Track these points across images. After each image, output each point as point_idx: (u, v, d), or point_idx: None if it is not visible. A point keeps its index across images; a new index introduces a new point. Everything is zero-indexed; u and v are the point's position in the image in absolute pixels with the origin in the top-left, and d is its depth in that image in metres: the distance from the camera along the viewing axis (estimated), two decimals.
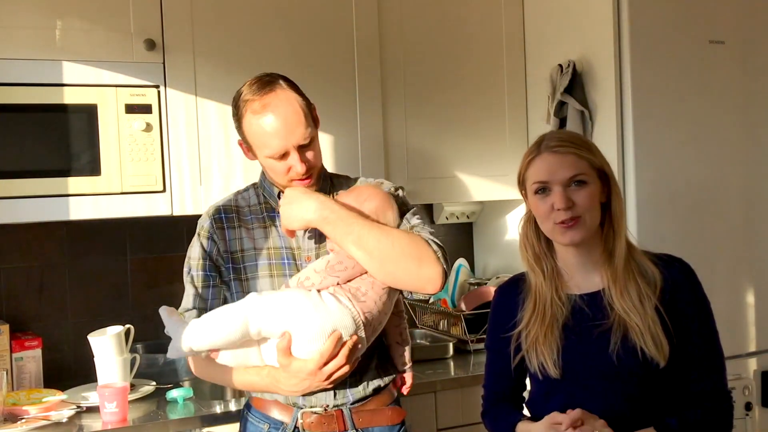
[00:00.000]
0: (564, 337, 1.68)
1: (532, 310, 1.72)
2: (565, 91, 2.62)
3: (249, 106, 1.83)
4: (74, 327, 2.62)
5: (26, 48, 2.25)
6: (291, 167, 1.84)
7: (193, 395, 2.36)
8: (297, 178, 1.86)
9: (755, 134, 2.74)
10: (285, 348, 1.72)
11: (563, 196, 1.64)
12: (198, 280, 1.90)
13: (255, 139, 1.85)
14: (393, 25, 2.72)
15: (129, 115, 2.33)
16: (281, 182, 1.90)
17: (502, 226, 3.15)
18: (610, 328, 1.65)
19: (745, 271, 2.72)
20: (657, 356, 1.62)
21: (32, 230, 2.59)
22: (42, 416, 2.13)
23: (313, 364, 1.70)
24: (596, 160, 1.68)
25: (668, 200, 2.57)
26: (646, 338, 1.62)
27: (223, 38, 2.47)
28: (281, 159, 1.83)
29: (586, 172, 1.66)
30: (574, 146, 1.67)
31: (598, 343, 1.66)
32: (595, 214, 1.67)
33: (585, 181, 1.65)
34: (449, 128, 2.82)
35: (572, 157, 1.65)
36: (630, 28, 2.52)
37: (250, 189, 2.01)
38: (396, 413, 1.93)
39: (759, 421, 2.71)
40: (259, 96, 1.82)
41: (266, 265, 1.89)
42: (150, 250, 2.75)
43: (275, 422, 1.89)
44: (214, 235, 1.90)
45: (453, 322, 2.87)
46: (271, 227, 1.93)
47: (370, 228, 1.77)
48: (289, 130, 1.81)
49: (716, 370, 1.70)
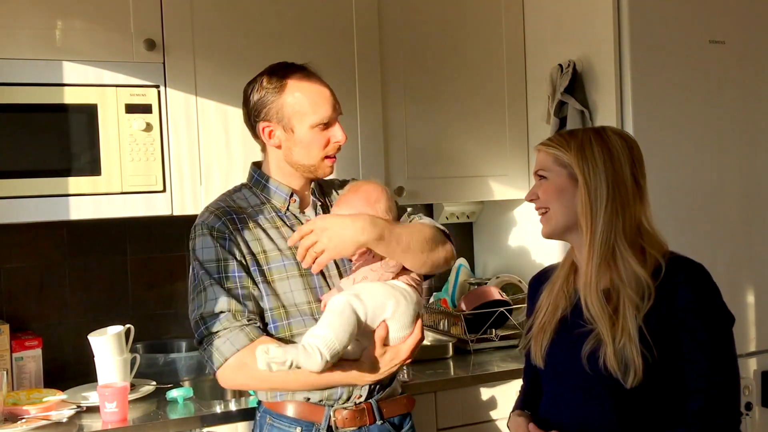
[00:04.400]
0: (557, 331, 1.70)
1: (545, 299, 1.75)
2: (565, 91, 2.62)
3: (291, 75, 1.87)
4: (74, 327, 2.61)
5: (26, 48, 2.24)
6: (330, 139, 1.87)
7: (193, 395, 2.36)
8: (333, 152, 1.90)
9: (755, 134, 2.74)
10: (384, 337, 1.77)
11: (531, 189, 1.74)
12: (227, 282, 1.82)
13: (301, 106, 1.85)
14: (393, 26, 2.72)
15: (129, 115, 2.33)
16: (313, 159, 1.89)
17: (502, 226, 3.15)
18: (588, 334, 1.61)
19: (745, 271, 2.72)
20: (621, 378, 1.54)
21: (32, 230, 2.59)
22: (42, 416, 2.13)
23: (407, 350, 1.78)
24: (565, 158, 1.67)
25: (668, 200, 2.57)
26: (612, 358, 1.55)
27: (223, 38, 2.47)
28: (325, 128, 1.87)
29: (549, 168, 1.70)
30: (550, 143, 1.72)
31: (575, 346, 1.63)
32: (562, 209, 1.68)
33: (545, 176, 1.71)
34: (449, 128, 2.82)
35: (541, 154, 1.73)
36: (630, 28, 2.52)
37: (242, 189, 1.98)
38: (409, 401, 1.98)
39: (759, 421, 2.71)
40: (297, 68, 1.90)
41: (293, 265, 1.87)
42: (150, 250, 2.75)
43: (306, 424, 1.86)
44: (230, 236, 1.85)
45: (453, 321, 2.87)
46: (284, 227, 1.91)
47: (408, 233, 1.83)
48: (334, 97, 1.90)
49: (714, 387, 1.55)
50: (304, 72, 1.90)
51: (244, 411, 2.22)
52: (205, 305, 1.82)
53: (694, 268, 1.64)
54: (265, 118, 1.90)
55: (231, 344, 1.79)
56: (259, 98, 1.90)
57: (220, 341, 1.79)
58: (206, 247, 1.85)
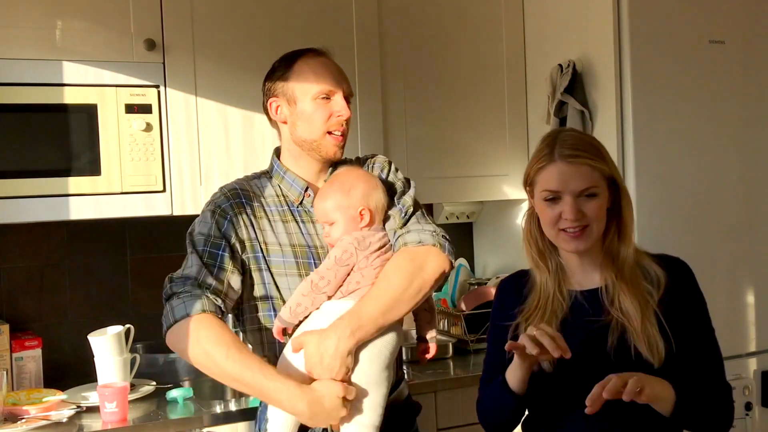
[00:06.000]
0: (561, 331, 1.68)
1: (535, 305, 1.72)
2: (565, 91, 2.62)
3: (302, 55, 1.92)
4: (74, 327, 2.61)
5: (26, 48, 2.24)
6: (333, 113, 1.88)
7: (193, 395, 2.36)
8: (335, 128, 1.89)
9: (755, 134, 2.74)
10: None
11: (574, 208, 1.62)
12: (207, 257, 1.81)
13: (305, 78, 1.88)
14: (393, 27, 2.72)
15: (129, 115, 2.33)
16: (315, 134, 1.88)
17: (502, 226, 3.15)
18: (608, 325, 1.66)
19: (745, 271, 2.72)
20: (651, 358, 1.61)
21: (32, 230, 2.59)
22: (42, 416, 2.13)
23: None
24: (608, 170, 1.67)
25: (668, 200, 2.57)
26: (641, 340, 1.61)
27: (223, 38, 2.47)
28: (326, 100, 1.88)
29: (598, 184, 1.65)
30: (588, 156, 1.64)
31: (596, 339, 1.66)
32: (602, 223, 1.67)
33: (596, 194, 1.64)
34: (449, 128, 2.82)
35: (586, 168, 1.63)
36: (630, 28, 2.52)
37: (262, 177, 1.97)
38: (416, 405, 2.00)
39: (759, 421, 2.71)
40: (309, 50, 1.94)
41: (294, 264, 1.85)
42: (150, 250, 2.75)
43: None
44: (232, 219, 1.84)
45: (453, 322, 2.87)
46: (292, 222, 1.89)
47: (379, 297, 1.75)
48: (342, 74, 1.93)
49: (717, 368, 1.71)
50: (315, 51, 1.94)
51: (244, 411, 2.22)
52: (181, 269, 1.83)
53: (682, 261, 1.75)
54: (273, 94, 1.94)
55: (184, 308, 1.75)
56: (269, 79, 1.95)
57: (177, 302, 1.76)
58: (203, 221, 1.86)
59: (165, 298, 1.82)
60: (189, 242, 1.85)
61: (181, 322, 1.74)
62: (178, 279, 1.81)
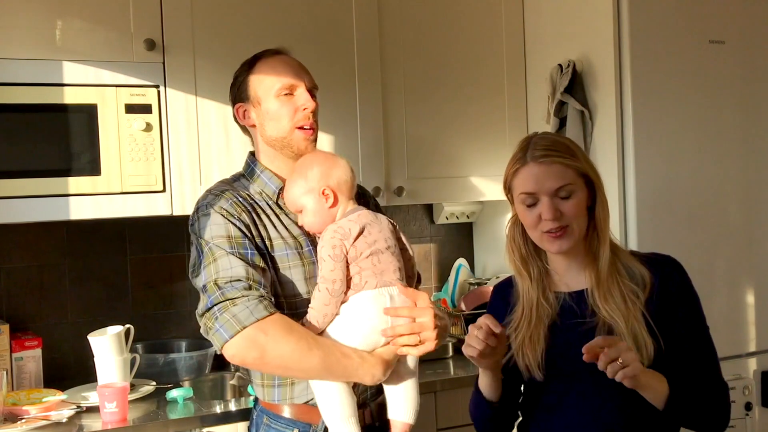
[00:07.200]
0: (551, 336, 1.69)
1: (521, 313, 1.73)
2: (565, 91, 2.62)
3: (261, 57, 1.92)
4: (74, 327, 2.61)
5: (26, 48, 2.25)
6: (298, 108, 1.87)
7: (193, 395, 2.36)
8: (303, 122, 1.88)
9: (755, 134, 2.74)
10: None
11: (551, 207, 1.63)
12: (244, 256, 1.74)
13: (266, 77, 1.88)
14: (393, 27, 2.72)
15: (129, 115, 2.33)
16: (283, 131, 1.88)
17: (502, 226, 3.09)
18: (596, 326, 1.65)
19: (745, 271, 2.72)
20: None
21: (32, 230, 2.59)
22: (42, 416, 2.13)
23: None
24: (582, 166, 1.66)
25: (668, 200, 2.57)
26: (628, 339, 1.60)
27: (223, 38, 2.47)
28: (290, 96, 1.87)
29: (573, 182, 1.64)
30: (559, 155, 1.64)
31: (584, 341, 1.63)
32: (583, 221, 1.67)
33: (572, 191, 1.64)
34: (449, 128, 2.82)
35: (558, 167, 1.63)
36: (630, 28, 2.52)
37: (240, 179, 1.97)
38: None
39: (759, 421, 2.71)
40: (268, 51, 1.94)
41: (296, 254, 1.85)
42: (150, 250, 2.75)
43: (303, 425, 1.84)
44: (240, 218, 1.81)
45: (453, 322, 2.87)
46: (282, 214, 1.89)
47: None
48: (302, 68, 1.92)
49: (711, 366, 1.69)
50: (274, 51, 1.94)
51: (243, 411, 2.22)
52: (221, 272, 1.72)
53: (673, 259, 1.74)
54: (239, 99, 1.94)
55: (250, 313, 1.67)
56: (232, 87, 1.96)
57: (238, 308, 1.67)
58: (216, 224, 1.78)
59: (211, 306, 1.71)
60: (211, 246, 1.76)
61: (249, 328, 1.67)
62: (226, 284, 1.71)
